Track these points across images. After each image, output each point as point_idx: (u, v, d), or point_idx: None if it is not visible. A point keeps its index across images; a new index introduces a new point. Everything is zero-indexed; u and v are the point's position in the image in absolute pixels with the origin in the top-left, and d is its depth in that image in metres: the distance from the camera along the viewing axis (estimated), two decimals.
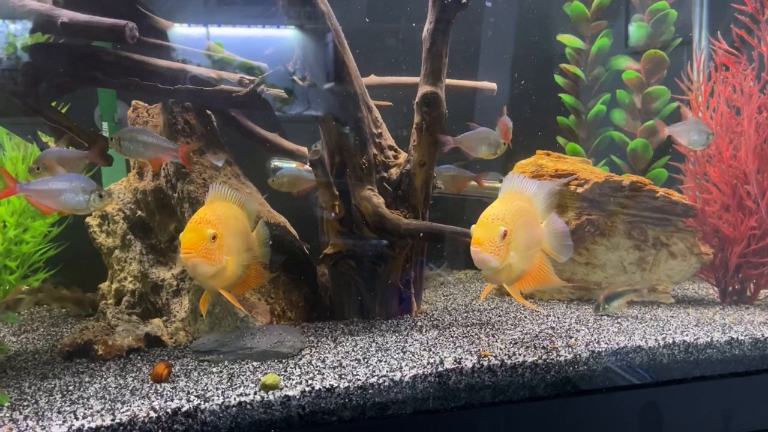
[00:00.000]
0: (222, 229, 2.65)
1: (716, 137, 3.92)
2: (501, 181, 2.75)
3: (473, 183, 4.00)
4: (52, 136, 3.17)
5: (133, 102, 3.66)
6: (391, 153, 3.54)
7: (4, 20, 2.85)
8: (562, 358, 2.73)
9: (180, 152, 3.04)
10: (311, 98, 3.33)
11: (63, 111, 3.31)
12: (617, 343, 2.90)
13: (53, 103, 3.12)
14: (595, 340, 2.97)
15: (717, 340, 3.01)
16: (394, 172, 3.48)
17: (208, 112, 3.59)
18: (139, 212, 3.61)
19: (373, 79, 3.99)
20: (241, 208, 2.91)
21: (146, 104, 3.66)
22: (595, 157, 4.99)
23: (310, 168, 3.32)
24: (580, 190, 3.80)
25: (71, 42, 3.11)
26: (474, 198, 4.47)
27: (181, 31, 3.48)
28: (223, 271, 2.67)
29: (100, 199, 2.71)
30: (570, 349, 2.81)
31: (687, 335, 3.05)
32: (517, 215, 2.55)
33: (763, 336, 3.06)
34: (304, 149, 3.98)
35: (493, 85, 4.32)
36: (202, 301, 2.82)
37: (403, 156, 3.53)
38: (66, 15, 2.61)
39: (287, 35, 3.40)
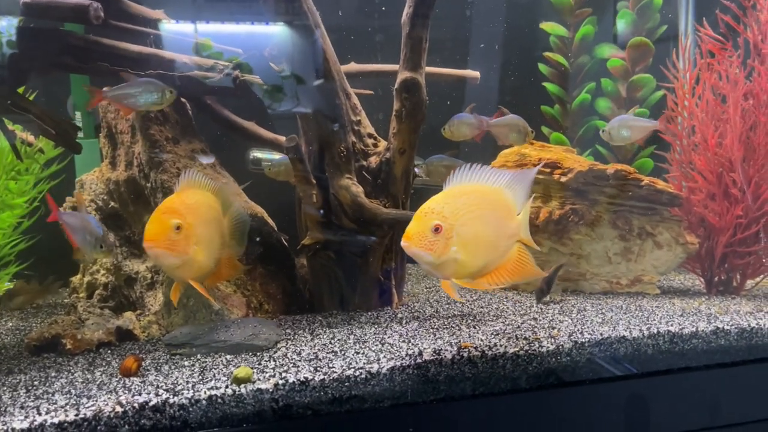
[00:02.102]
0: (191, 218, 2.56)
1: (702, 125, 3.87)
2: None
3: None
4: (19, 124, 3.06)
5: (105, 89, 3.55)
6: (370, 141, 3.46)
7: None
8: (544, 349, 2.67)
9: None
10: (288, 85, 3.25)
11: (31, 98, 3.20)
12: (601, 334, 2.84)
13: (20, 90, 3.01)
14: (578, 330, 2.90)
15: (702, 330, 2.95)
16: (374, 160, 3.40)
17: (183, 99, 3.49)
18: (112, 203, 3.51)
19: (353, 66, 3.90)
20: (215, 197, 2.81)
21: None
22: (580, 147, 4.93)
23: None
24: (563, 179, 3.73)
25: (40, 26, 3.01)
26: None
27: (168, 27, 3.39)
28: (191, 262, 2.57)
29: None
30: (553, 340, 2.74)
31: (672, 325, 2.99)
32: (463, 209, 2.42)
33: (749, 326, 3.00)
34: (283, 138, 3.89)
35: (476, 74, 4.25)
36: (172, 291, 2.73)
37: (382, 144, 3.45)
38: None
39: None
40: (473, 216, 2.44)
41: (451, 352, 2.57)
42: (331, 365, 2.45)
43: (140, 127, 3.29)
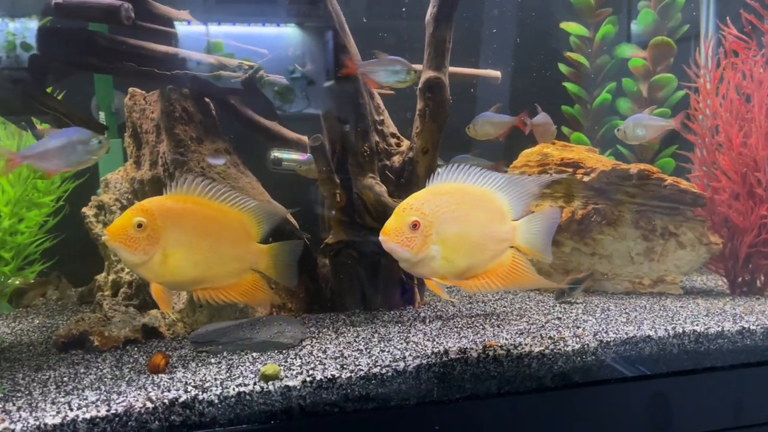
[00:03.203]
0: (162, 221, 2.47)
1: (726, 124, 3.84)
2: (506, 172, 2.65)
3: None
4: (49, 124, 3.09)
5: (130, 89, 3.59)
6: (393, 140, 3.47)
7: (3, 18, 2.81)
8: (569, 348, 2.66)
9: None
10: (311, 85, 3.27)
11: (58, 98, 3.23)
12: (626, 333, 2.83)
13: (48, 90, 3.05)
14: (603, 330, 2.89)
15: (728, 330, 2.94)
16: (397, 159, 3.41)
17: (207, 99, 3.51)
18: (137, 202, 3.53)
19: None
20: (235, 212, 2.66)
21: (143, 92, 3.58)
22: (601, 147, 4.90)
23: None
24: (586, 179, 3.72)
25: (67, 26, 3.05)
26: None
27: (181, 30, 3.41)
28: (153, 263, 2.48)
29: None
30: (578, 339, 2.74)
31: (697, 325, 2.98)
32: (445, 207, 2.39)
33: None
34: (305, 138, 3.91)
35: (497, 74, 4.25)
36: (154, 294, 2.58)
37: (405, 143, 3.46)
38: None
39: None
40: (456, 215, 2.41)
41: (476, 350, 2.58)
42: (357, 363, 2.46)
43: (165, 126, 3.31)
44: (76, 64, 2.98)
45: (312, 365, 2.46)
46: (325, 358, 2.54)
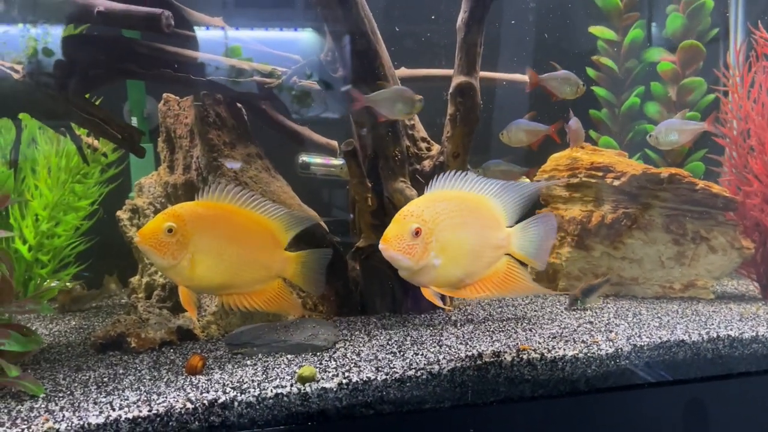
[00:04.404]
0: (192, 227, 2.50)
1: (758, 128, 3.81)
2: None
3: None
4: (86, 129, 3.15)
5: (164, 95, 3.65)
6: (424, 145, 3.49)
7: (25, 24, 2.86)
8: (603, 352, 2.66)
9: None
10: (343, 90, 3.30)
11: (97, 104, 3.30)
12: (659, 337, 2.82)
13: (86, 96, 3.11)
14: (636, 334, 2.89)
15: (763, 335, 2.92)
16: (427, 164, 3.43)
17: (239, 104, 3.56)
18: (170, 206, 3.58)
19: (404, 71, 3.94)
20: (264, 219, 2.67)
21: (177, 97, 3.64)
22: (629, 151, 4.88)
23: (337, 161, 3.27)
24: (616, 183, 3.71)
25: (104, 33, 3.11)
26: None
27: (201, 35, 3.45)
28: (181, 268, 2.51)
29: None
30: (611, 343, 2.73)
31: (731, 330, 2.96)
32: (444, 214, 2.34)
33: None
34: (335, 143, 3.94)
35: (527, 78, 4.24)
36: (181, 296, 2.61)
37: (436, 148, 3.48)
38: (102, 4, 2.59)
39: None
40: (454, 222, 2.36)
41: (510, 354, 2.58)
42: (392, 365, 2.48)
43: (199, 131, 3.36)
44: (115, 71, 3.04)
45: (347, 367, 2.48)
46: (360, 361, 2.57)
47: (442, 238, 2.33)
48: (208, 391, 2.27)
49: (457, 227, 2.37)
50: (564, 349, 2.65)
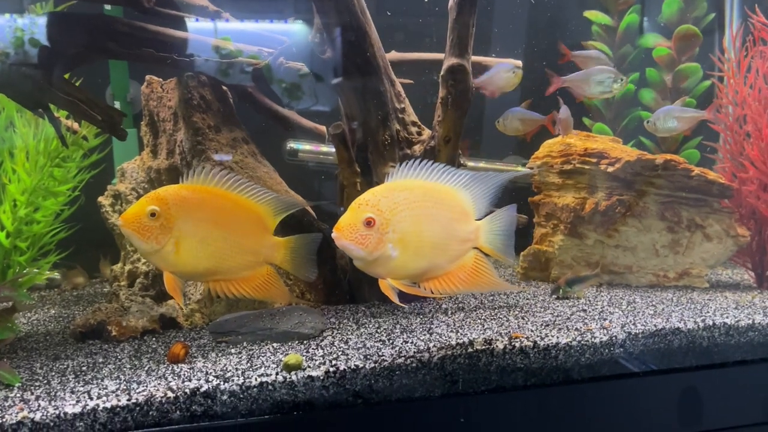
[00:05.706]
0: (176, 211, 2.43)
1: (755, 113, 3.75)
2: (523, 165, 2.51)
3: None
4: (66, 110, 3.05)
5: (147, 77, 3.54)
6: (414, 129, 3.40)
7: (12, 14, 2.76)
8: (597, 340, 2.60)
9: None
10: (331, 71, 3.21)
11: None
12: (654, 325, 2.76)
13: (66, 76, 3.01)
14: (630, 321, 2.82)
15: (759, 323, 2.86)
16: (418, 149, 3.35)
17: (225, 87, 3.46)
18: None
19: (394, 55, 3.85)
20: (251, 203, 2.60)
21: (160, 79, 3.54)
22: (624, 138, 4.81)
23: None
24: (611, 169, 3.64)
25: (85, 12, 3.01)
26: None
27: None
28: (165, 253, 2.44)
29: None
30: (605, 331, 2.67)
31: (727, 317, 2.90)
32: (404, 204, 2.24)
33: None
34: (323, 128, 3.85)
35: (519, 63, 4.17)
36: (166, 282, 2.53)
37: (426, 132, 3.39)
38: None
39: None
40: (415, 213, 2.26)
41: (502, 342, 2.51)
42: (380, 354, 2.41)
43: (183, 114, 3.27)
44: (94, 50, 2.93)
45: (335, 355, 2.40)
46: (348, 349, 2.49)
47: (401, 229, 2.23)
48: (190, 380, 2.19)
49: (418, 218, 2.27)
50: (557, 337, 2.58)
